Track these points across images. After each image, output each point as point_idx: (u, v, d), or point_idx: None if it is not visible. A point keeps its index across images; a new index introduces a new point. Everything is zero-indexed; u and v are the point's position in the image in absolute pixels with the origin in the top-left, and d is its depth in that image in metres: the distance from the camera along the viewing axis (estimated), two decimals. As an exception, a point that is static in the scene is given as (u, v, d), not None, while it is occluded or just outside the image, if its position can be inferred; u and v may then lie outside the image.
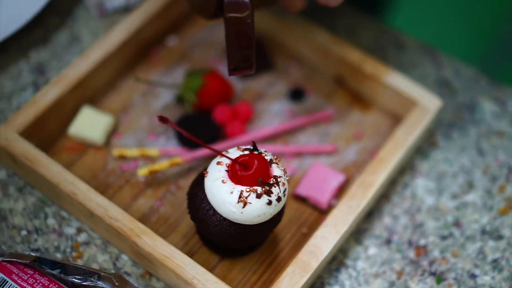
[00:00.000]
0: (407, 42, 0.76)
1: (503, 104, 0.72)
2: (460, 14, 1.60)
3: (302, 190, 0.65)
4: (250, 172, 0.56)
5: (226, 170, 0.57)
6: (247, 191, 0.56)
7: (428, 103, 0.68)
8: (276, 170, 0.57)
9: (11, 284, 0.58)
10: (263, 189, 0.56)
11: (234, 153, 0.58)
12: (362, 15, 0.77)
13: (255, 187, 0.56)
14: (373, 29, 0.77)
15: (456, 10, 1.61)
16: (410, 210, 0.66)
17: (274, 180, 0.57)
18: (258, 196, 0.56)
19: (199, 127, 0.68)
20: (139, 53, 0.72)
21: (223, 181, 0.56)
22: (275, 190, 0.56)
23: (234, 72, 0.59)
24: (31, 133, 0.64)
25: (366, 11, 0.79)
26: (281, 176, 0.57)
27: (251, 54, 0.59)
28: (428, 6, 1.61)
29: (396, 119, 0.70)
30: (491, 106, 0.72)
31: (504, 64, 1.54)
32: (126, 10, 0.75)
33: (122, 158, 0.67)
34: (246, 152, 0.58)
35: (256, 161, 0.56)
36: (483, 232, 0.65)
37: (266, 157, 0.57)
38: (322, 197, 0.65)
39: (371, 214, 0.65)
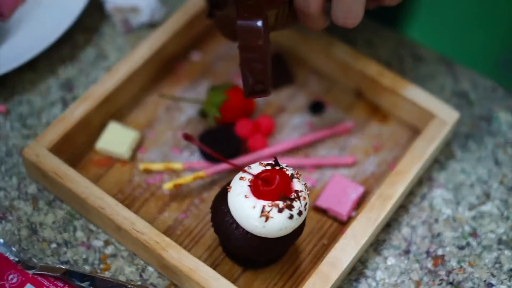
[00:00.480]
0: (424, 54, 0.77)
1: (519, 115, 0.74)
2: (476, 26, 1.62)
3: (322, 202, 0.67)
4: (272, 187, 0.58)
5: (248, 185, 0.59)
6: (269, 206, 0.58)
7: (445, 116, 0.69)
8: (297, 185, 0.59)
9: (43, 296, 0.60)
10: (285, 203, 0.58)
11: (256, 168, 0.60)
12: (380, 28, 0.79)
13: (277, 202, 0.58)
14: (391, 41, 0.78)
15: (473, 22, 1.63)
16: (428, 220, 0.68)
17: (295, 194, 0.59)
18: (280, 210, 0.58)
19: (222, 141, 0.70)
20: (163, 68, 0.74)
21: (246, 196, 0.58)
22: (296, 204, 0.58)
23: (250, 96, 0.61)
24: (60, 148, 0.67)
25: (384, 23, 0.81)
26: (302, 191, 0.59)
27: (266, 79, 0.60)
28: (445, 18, 1.64)
29: (414, 131, 0.72)
30: (508, 117, 0.74)
31: (498, 70, 1.56)
32: (150, 26, 0.77)
33: (148, 172, 0.69)
34: (268, 167, 0.60)
35: (277, 177, 0.59)
36: (500, 242, 0.67)
37: (287, 172, 0.60)
38: (342, 209, 0.67)
39: (389, 225, 0.67)
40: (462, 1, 1.65)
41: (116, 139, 0.69)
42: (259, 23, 0.59)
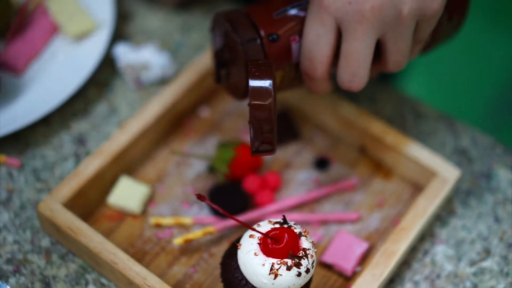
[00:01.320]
0: (425, 111, 0.80)
1: (518, 172, 0.76)
2: (474, 83, 1.67)
3: (328, 258, 0.69)
4: (281, 246, 0.60)
5: (258, 243, 0.61)
6: (278, 264, 0.60)
7: (447, 174, 0.71)
8: (305, 243, 0.61)
9: None
10: (293, 261, 0.60)
11: (266, 226, 0.62)
12: (382, 85, 0.81)
13: (286, 260, 0.60)
14: (393, 98, 0.81)
15: (471, 79, 1.68)
16: (430, 276, 0.70)
17: (303, 252, 0.61)
18: (289, 268, 0.60)
19: (230, 196, 0.72)
20: (173, 124, 0.76)
21: (255, 254, 0.60)
22: (304, 262, 0.60)
23: (256, 154, 0.63)
24: (73, 203, 0.69)
25: (385, 78, 0.83)
26: (310, 249, 0.61)
27: (272, 137, 0.62)
28: (443, 76, 1.68)
29: (416, 188, 0.74)
30: (507, 174, 0.76)
31: (489, 119, 1.60)
32: (161, 82, 0.79)
33: (158, 226, 0.71)
34: (277, 226, 0.62)
35: (286, 235, 0.60)
36: (500, 298, 0.69)
37: (295, 230, 0.61)
38: (347, 264, 0.69)
39: (393, 280, 0.69)
40: (458, 58, 1.70)
41: (127, 194, 0.71)
42: (270, 83, 0.61)
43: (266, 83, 0.61)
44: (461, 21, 0.72)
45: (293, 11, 0.66)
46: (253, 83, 0.61)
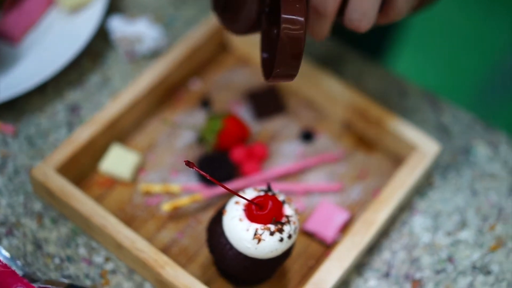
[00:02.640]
0: (409, 89, 0.82)
1: (496, 148, 0.79)
2: (458, 63, 1.70)
3: (310, 226, 0.72)
4: (265, 212, 0.63)
5: (243, 209, 0.63)
6: (262, 229, 0.62)
7: (427, 148, 0.74)
8: (288, 210, 0.64)
9: (47, 307, 0.64)
10: (276, 227, 0.63)
11: (251, 193, 0.64)
12: (369, 62, 0.84)
13: (269, 226, 0.63)
14: (378, 75, 0.83)
15: (455, 60, 1.70)
16: (408, 246, 0.72)
17: (286, 219, 0.63)
18: (271, 233, 0.62)
19: (218, 166, 0.74)
20: (165, 95, 0.79)
21: (240, 220, 0.63)
22: (286, 228, 0.63)
23: (276, 77, 0.61)
24: (66, 169, 0.71)
25: (373, 56, 0.86)
26: (292, 216, 0.64)
27: (298, 65, 0.60)
28: (429, 54, 1.71)
29: (397, 161, 0.77)
30: (485, 150, 0.79)
31: (498, 109, 1.63)
32: (154, 55, 0.82)
33: (147, 193, 0.73)
34: (262, 193, 0.64)
35: (270, 202, 0.63)
36: (474, 267, 0.71)
37: (279, 198, 0.64)
38: (328, 233, 0.71)
39: (371, 249, 0.72)
40: (443, 36, 1.72)
41: (118, 161, 0.73)
42: (303, 12, 0.59)
43: (300, 12, 0.59)
44: None
45: None
46: (287, 12, 0.58)
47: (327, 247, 0.72)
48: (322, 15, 0.65)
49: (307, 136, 0.78)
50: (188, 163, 0.62)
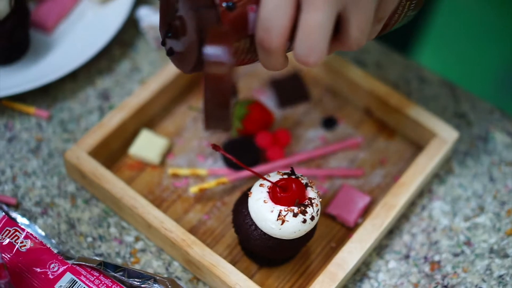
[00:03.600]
0: (429, 77, 0.85)
1: (514, 136, 0.81)
2: (478, 54, 1.71)
3: (332, 209, 0.74)
4: (288, 194, 0.65)
5: (267, 192, 0.66)
6: (285, 211, 0.65)
7: (446, 135, 0.76)
8: (310, 193, 0.66)
9: (80, 284, 0.67)
10: (299, 209, 0.65)
11: (275, 176, 0.67)
12: (389, 51, 0.86)
13: (292, 207, 0.65)
14: (399, 64, 0.85)
15: (475, 51, 1.72)
16: (427, 229, 0.75)
17: (309, 201, 0.66)
18: (295, 215, 0.65)
19: (243, 150, 0.77)
20: (191, 82, 0.81)
21: (264, 201, 0.66)
22: (309, 210, 0.66)
23: (209, 128, 0.59)
24: (98, 152, 0.74)
25: (394, 47, 0.88)
26: (315, 198, 0.66)
27: (228, 113, 0.57)
28: (450, 45, 1.72)
29: (417, 148, 0.79)
30: (503, 138, 0.81)
31: (499, 91, 1.63)
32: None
33: (175, 176, 0.76)
34: (285, 176, 0.67)
35: (293, 185, 0.66)
36: (491, 251, 0.74)
37: (302, 181, 0.67)
38: (350, 216, 0.74)
39: (392, 232, 0.74)
40: (465, 30, 1.74)
41: (147, 145, 0.76)
42: (227, 51, 0.56)
43: (223, 52, 0.56)
44: (421, 2, 0.68)
45: None
46: (209, 51, 0.56)
47: (349, 229, 0.74)
48: (269, 51, 0.60)
49: (329, 122, 0.81)
50: (215, 147, 0.64)
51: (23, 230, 0.69)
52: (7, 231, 0.68)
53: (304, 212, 0.65)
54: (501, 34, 1.74)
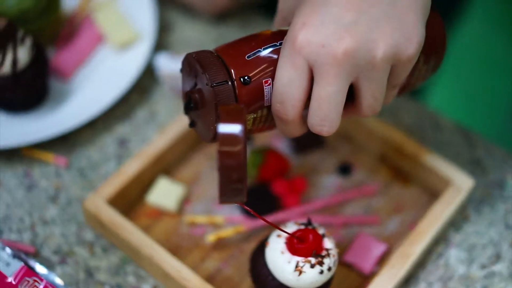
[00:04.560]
0: (443, 123, 0.85)
1: (529, 183, 0.81)
2: (488, 97, 1.72)
3: (349, 258, 0.75)
4: (306, 245, 0.66)
5: (284, 242, 0.67)
6: (303, 262, 0.65)
7: (461, 182, 0.77)
8: (327, 243, 0.67)
9: (98, 333, 0.68)
10: (317, 260, 0.66)
11: (292, 227, 0.67)
12: (404, 96, 0.87)
13: (310, 258, 0.66)
14: (413, 110, 0.86)
15: (486, 95, 1.73)
16: (443, 277, 0.75)
17: (326, 252, 0.66)
18: (312, 266, 0.65)
19: (260, 198, 0.78)
20: (208, 130, 0.82)
21: (282, 252, 0.66)
22: (326, 261, 0.66)
23: (224, 202, 0.60)
24: (116, 201, 0.75)
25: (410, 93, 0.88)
26: (332, 249, 0.67)
27: (242, 188, 0.59)
28: (462, 90, 1.73)
29: (433, 195, 0.79)
30: (519, 184, 0.81)
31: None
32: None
33: (192, 224, 0.77)
34: (302, 227, 0.67)
35: (311, 236, 0.66)
36: (508, 299, 0.74)
37: (319, 231, 0.67)
38: (366, 264, 0.74)
39: (408, 280, 0.74)
40: (482, 72, 1.75)
41: (165, 193, 0.77)
42: (240, 129, 0.58)
43: (236, 129, 0.57)
44: (438, 64, 0.70)
45: (266, 53, 0.63)
46: (222, 128, 0.57)
47: (365, 278, 0.74)
48: (285, 122, 0.63)
49: (345, 169, 0.81)
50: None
51: (41, 280, 0.69)
52: (26, 282, 0.69)
53: (321, 263, 0.66)
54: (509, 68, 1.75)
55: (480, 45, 1.78)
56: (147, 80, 0.87)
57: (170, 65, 0.84)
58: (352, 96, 0.63)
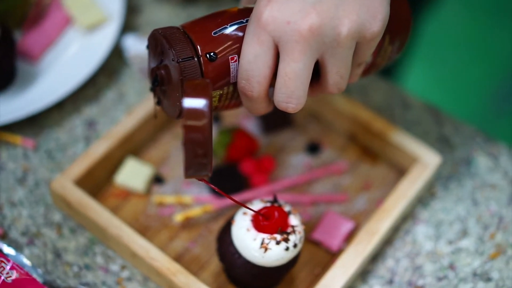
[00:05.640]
0: (412, 102, 0.86)
1: (496, 159, 0.82)
2: (461, 78, 1.73)
3: (317, 235, 0.75)
4: (271, 222, 0.66)
5: (250, 220, 0.67)
6: (268, 239, 0.66)
7: (428, 159, 0.77)
8: (293, 220, 0.67)
9: (66, 313, 0.68)
10: (282, 237, 0.66)
11: (258, 204, 0.68)
12: (374, 76, 0.87)
13: (275, 235, 0.66)
14: (383, 89, 0.86)
15: (459, 76, 1.74)
16: (411, 254, 0.75)
17: (291, 229, 0.66)
18: (277, 243, 0.66)
19: (228, 177, 0.78)
20: (176, 110, 0.82)
21: (247, 230, 0.66)
22: (292, 238, 0.66)
23: (190, 177, 0.60)
24: (83, 181, 0.75)
25: (381, 73, 0.89)
26: (298, 226, 0.67)
27: (207, 162, 0.59)
28: (434, 70, 1.74)
29: (400, 172, 0.80)
30: (486, 161, 0.81)
31: (499, 122, 1.65)
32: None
33: (161, 204, 0.77)
34: (268, 204, 0.67)
35: (276, 213, 0.66)
36: (475, 274, 0.74)
37: (285, 209, 0.67)
38: (334, 241, 0.74)
39: (376, 257, 0.75)
40: (451, 51, 1.76)
41: (133, 174, 0.77)
42: (205, 104, 0.58)
43: (201, 104, 0.58)
44: (403, 44, 0.70)
45: (232, 30, 0.63)
46: (187, 103, 0.58)
47: (333, 255, 0.75)
48: (251, 99, 0.63)
49: (313, 148, 0.81)
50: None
51: (8, 261, 0.69)
52: (-7, 263, 0.69)
53: (286, 240, 0.66)
54: (486, 55, 1.75)
55: (457, 27, 1.79)
56: (115, 62, 0.87)
57: (138, 47, 0.84)
58: (318, 73, 0.63)
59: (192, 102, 0.58)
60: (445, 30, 1.77)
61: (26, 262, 0.71)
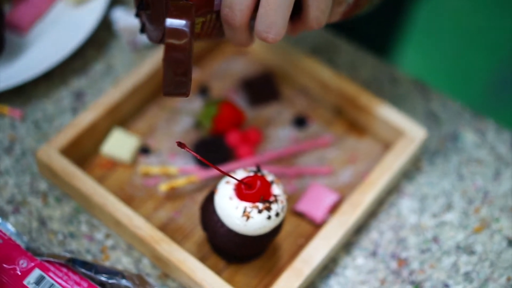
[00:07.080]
0: (400, 76, 0.86)
1: (483, 135, 0.82)
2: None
3: (300, 207, 0.75)
4: (253, 191, 0.66)
5: (233, 189, 0.67)
6: (250, 207, 0.66)
7: (414, 133, 0.77)
8: (276, 190, 0.67)
9: (48, 280, 0.68)
10: (264, 205, 0.66)
11: (241, 174, 0.68)
12: (364, 52, 0.87)
13: (257, 204, 0.66)
14: (371, 64, 0.86)
15: (448, 53, 1.73)
16: (395, 226, 0.76)
17: (274, 198, 0.67)
18: (259, 211, 0.66)
19: (214, 149, 0.78)
20: (164, 83, 0.82)
21: (230, 198, 0.66)
22: (274, 206, 0.66)
23: (168, 95, 0.61)
24: (69, 151, 0.75)
25: (367, 48, 0.89)
26: (280, 195, 0.67)
27: (186, 81, 0.60)
28: (424, 47, 1.73)
29: (386, 146, 0.80)
30: (472, 137, 0.82)
31: (504, 107, 1.65)
32: (154, 44, 0.86)
33: (146, 175, 0.77)
34: (251, 174, 0.68)
35: (258, 182, 0.66)
36: (458, 247, 0.74)
37: (267, 178, 0.67)
38: (317, 213, 0.75)
39: (360, 229, 0.75)
40: (448, 33, 1.76)
41: (119, 144, 0.77)
42: (187, 24, 0.59)
43: (183, 24, 0.59)
44: None
45: None
46: (170, 22, 0.59)
47: (316, 226, 0.75)
48: (233, 27, 0.64)
49: (300, 121, 0.81)
50: (180, 144, 0.65)
51: (-7, 227, 0.70)
52: (-23, 228, 0.70)
53: (269, 209, 0.66)
54: (486, 38, 1.75)
55: (454, 12, 1.79)
56: (104, 34, 0.87)
57: (127, 19, 0.84)
58: (299, 10, 0.64)
59: (175, 22, 0.59)
60: (442, 15, 1.77)
61: (11, 229, 0.72)
